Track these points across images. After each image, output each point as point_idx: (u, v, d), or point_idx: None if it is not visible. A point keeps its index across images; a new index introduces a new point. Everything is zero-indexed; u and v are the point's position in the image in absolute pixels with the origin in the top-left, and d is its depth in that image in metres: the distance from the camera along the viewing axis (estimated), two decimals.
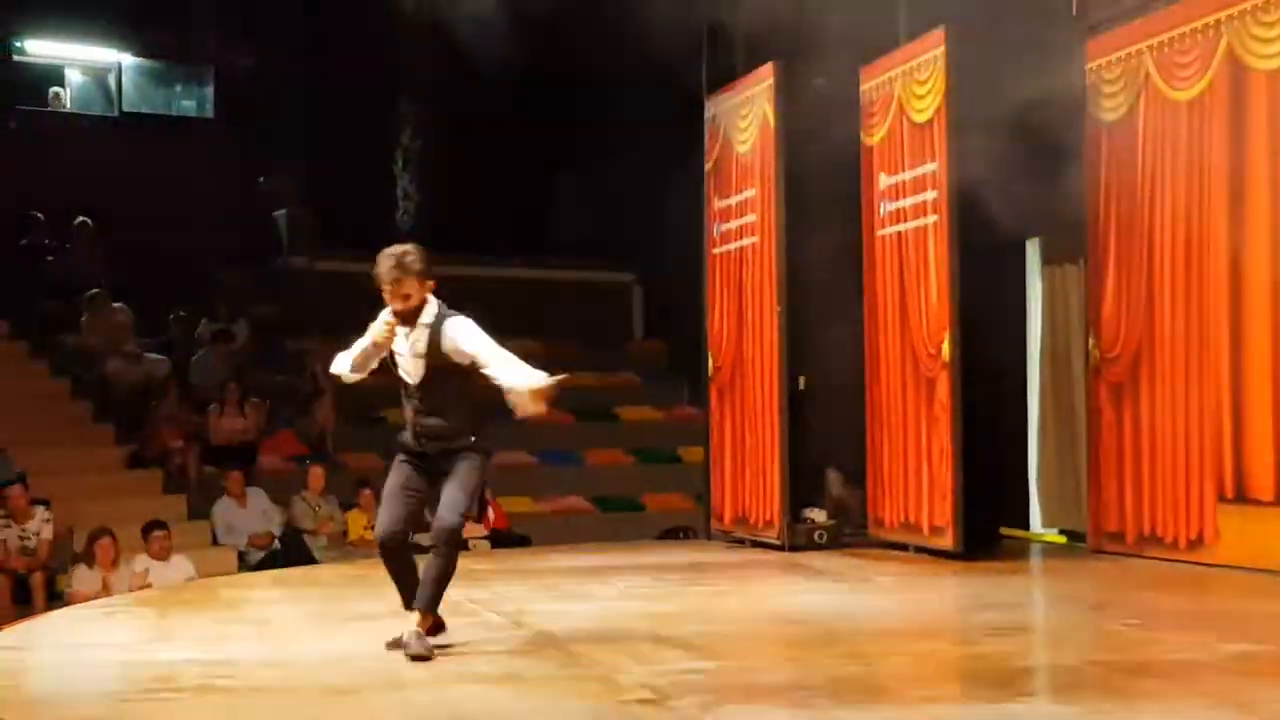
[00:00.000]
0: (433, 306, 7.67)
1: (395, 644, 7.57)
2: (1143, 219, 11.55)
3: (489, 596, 9.98)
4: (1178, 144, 11.24)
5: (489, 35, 14.24)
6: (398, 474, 7.79)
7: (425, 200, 21.28)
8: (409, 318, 7.63)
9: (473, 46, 14.62)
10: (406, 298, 7.59)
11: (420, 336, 7.66)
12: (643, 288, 20.93)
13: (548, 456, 17.61)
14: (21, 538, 13.36)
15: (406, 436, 7.80)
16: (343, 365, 7.91)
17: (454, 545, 7.65)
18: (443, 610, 7.64)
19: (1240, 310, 10.71)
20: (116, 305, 17.60)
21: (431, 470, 7.73)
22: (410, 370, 7.73)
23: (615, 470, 17.73)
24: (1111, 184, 11.87)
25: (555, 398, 7.55)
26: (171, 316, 18.27)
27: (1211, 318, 10.95)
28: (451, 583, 7.53)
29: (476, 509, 8.11)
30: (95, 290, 17.53)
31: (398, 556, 7.76)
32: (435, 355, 7.63)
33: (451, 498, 7.61)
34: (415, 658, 7.36)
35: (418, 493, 7.78)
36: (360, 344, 7.82)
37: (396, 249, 7.68)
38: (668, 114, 15.24)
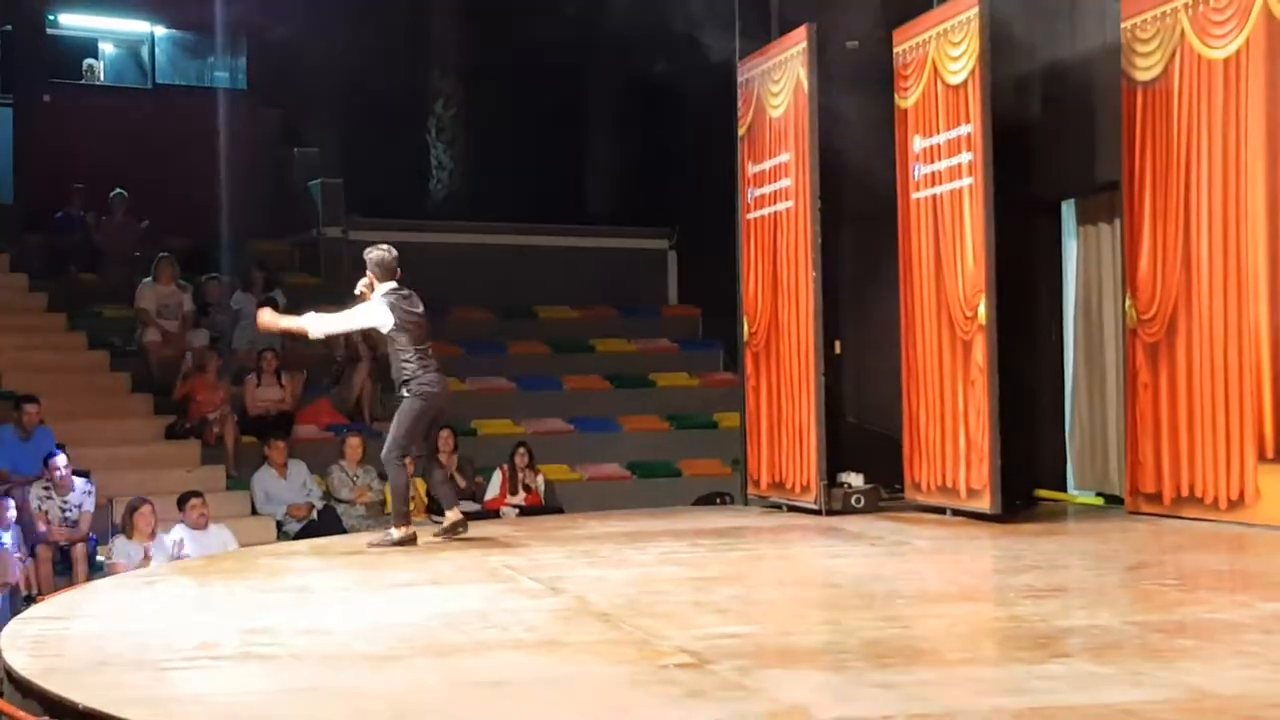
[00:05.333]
0: None
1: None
2: (1179, 179, 11.48)
3: (526, 563, 10.03)
4: (1213, 103, 11.16)
5: (521, 2, 14.25)
6: None
7: (459, 169, 21.28)
8: None
9: (505, 14, 14.63)
10: None
11: None
12: (677, 254, 20.90)
13: (584, 424, 17.64)
14: (63, 509, 13.44)
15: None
16: None
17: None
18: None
19: (1278, 269, 10.64)
20: (183, 283, 17.61)
21: None
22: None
23: (651, 437, 17.74)
24: (1147, 144, 11.80)
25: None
26: (203, 278, 18.24)
27: (1249, 277, 10.89)
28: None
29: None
30: (164, 254, 17.55)
31: None
32: None
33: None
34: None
35: None
36: None
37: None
38: (701, 79, 15.21)
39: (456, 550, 10.85)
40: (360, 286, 11.15)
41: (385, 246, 11.19)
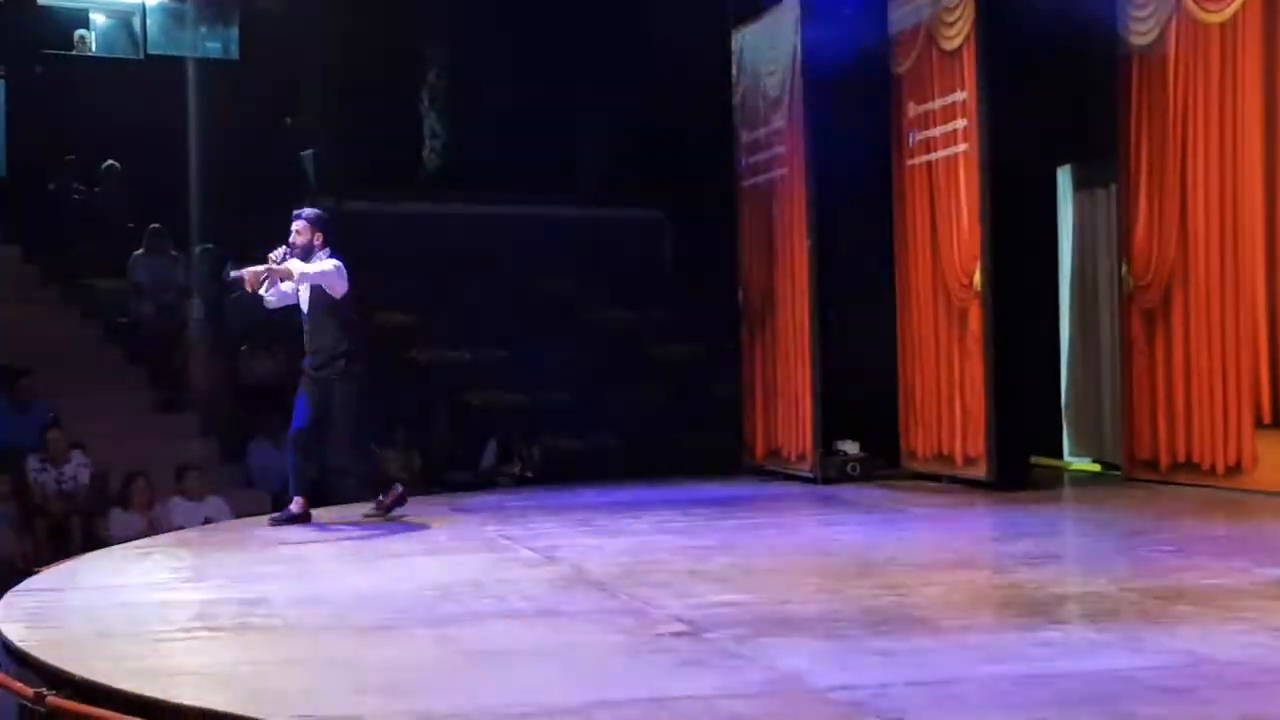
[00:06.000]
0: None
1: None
2: (1175, 144, 11.45)
3: (523, 533, 10.03)
4: (1210, 68, 11.12)
5: None
6: None
7: (452, 139, 21.21)
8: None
9: None
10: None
11: None
12: (673, 223, 20.86)
13: (580, 393, 17.61)
14: (59, 481, 13.41)
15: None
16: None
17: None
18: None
19: (1275, 234, 10.61)
20: (176, 254, 17.60)
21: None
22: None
23: (648, 406, 17.72)
24: (1143, 109, 11.76)
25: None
26: (196, 249, 18.20)
27: (1246, 242, 10.86)
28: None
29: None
30: (156, 226, 17.50)
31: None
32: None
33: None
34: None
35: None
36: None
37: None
38: (696, 46, 15.17)
39: (453, 521, 10.86)
40: (281, 255, 10.67)
41: None
